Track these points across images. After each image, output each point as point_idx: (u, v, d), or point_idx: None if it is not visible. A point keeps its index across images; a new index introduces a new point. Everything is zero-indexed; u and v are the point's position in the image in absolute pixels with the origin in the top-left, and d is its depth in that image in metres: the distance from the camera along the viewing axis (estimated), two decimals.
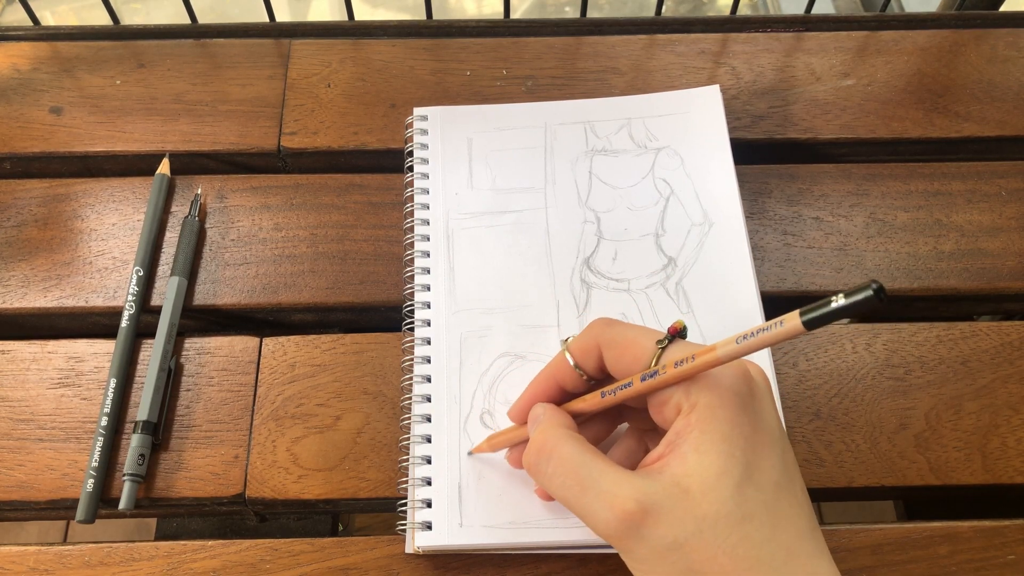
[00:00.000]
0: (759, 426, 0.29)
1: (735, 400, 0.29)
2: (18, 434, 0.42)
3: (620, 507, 0.29)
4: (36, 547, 0.39)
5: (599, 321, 0.33)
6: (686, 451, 0.29)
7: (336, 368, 0.43)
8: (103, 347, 0.44)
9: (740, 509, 0.28)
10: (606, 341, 0.32)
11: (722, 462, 0.28)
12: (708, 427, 0.29)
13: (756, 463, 0.29)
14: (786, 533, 0.28)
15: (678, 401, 0.30)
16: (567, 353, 0.33)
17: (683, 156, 0.48)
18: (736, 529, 0.28)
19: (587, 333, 0.33)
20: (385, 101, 0.51)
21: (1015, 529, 0.39)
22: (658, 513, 0.28)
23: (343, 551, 0.39)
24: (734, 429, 0.29)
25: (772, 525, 0.28)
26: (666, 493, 0.28)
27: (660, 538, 0.28)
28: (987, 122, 0.51)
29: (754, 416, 0.29)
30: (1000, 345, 0.44)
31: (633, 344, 0.31)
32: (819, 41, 0.54)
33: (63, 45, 0.54)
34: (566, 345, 0.34)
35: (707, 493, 0.28)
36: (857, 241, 0.47)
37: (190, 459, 0.41)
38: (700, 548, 0.28)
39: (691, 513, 0.28)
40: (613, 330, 0.32)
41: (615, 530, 0.29)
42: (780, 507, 0.29)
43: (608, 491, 0.29)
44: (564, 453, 0.31)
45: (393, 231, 0.47)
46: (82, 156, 0.50)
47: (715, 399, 0.29)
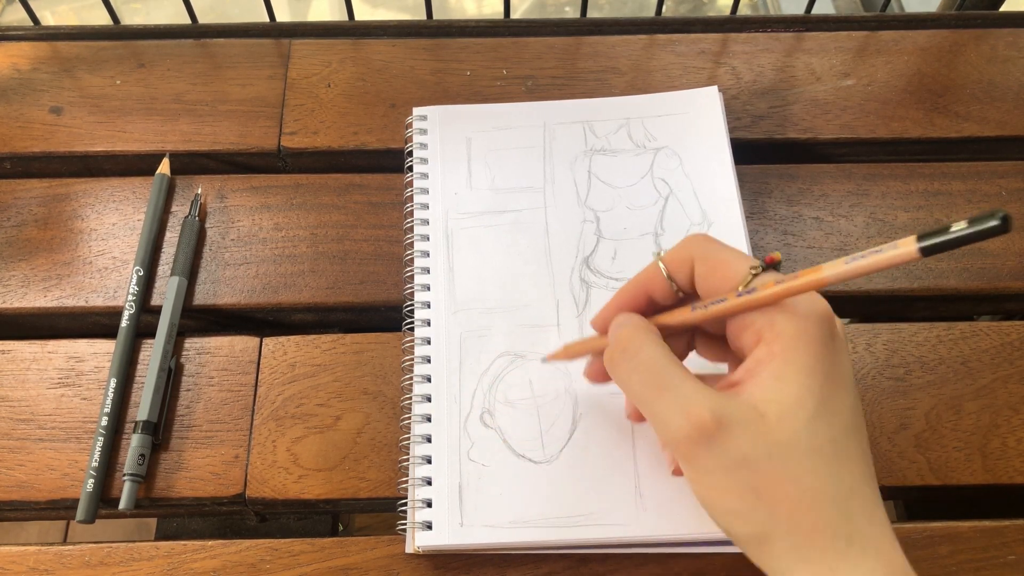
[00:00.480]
0: (837, 367, 0.29)
1: (819, 336, 0.29)
2: (18, 434, 0.42)
3: (697, 414, 0.29)
4: (36, 547, 0.39)
5: (696, 236, 0.33)
6: (766, 377, 0.29)
7: (336, 368, 0.43)
8: (103, 347, 0.44)
9: (810, 441, 0.28)
10: (701, 255, 0.32)
11: (800, 393, 0.28)
12: (791, 357, 0.29)
13: (831, 401, 0.29)
14: (850, 474, 0.29)
15: (760, 328, 0.30)
16: (660, 263, 0.33)
17: (682, 156, 0.48)
18: (804, 459, 0.28)
19: (683, 245, 0.33)
20: (385, 101, 0.51)
21: (1015, 529, 0.39)
22: (732, 428, 0.28)
23: (343, 551, 0.39)
24: (816, 364, 0.29)
25: (838, 462, 0.29)
26: (743, 412, 0.29)
27: (730, 452, 0.29)
28: (987, 122, 0.51)
29: (834, 357, 0.29)
30: (1000, 345, 0.44)
31: (726, 264, 0.31)
32: (819, 41, 0.54)
33: (63, 45, 0.54)
34: (660, 255, 0.33)
35: (782, 420, 0.28)
36: (857, 241, 0.47)
37: (190, 459, 0.41)
38: (767, 470, 0.28)
39: (764, 436, 0.28)
40: (709, 245, 0.32)
41: (686, 435, 0.29)
42: (848, 448, 0.29)
43: (686, 397, 0.29)
44: (649, 353, 0.31)
45: (393, 231, 0.47)
46: (82, 156, 0.50)
47: (800, 331, 0.29)
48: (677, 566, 0.38)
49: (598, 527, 0.37)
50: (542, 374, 0.41)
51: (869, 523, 0.29)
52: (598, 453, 0.39)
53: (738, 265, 0.31)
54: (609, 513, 0.38)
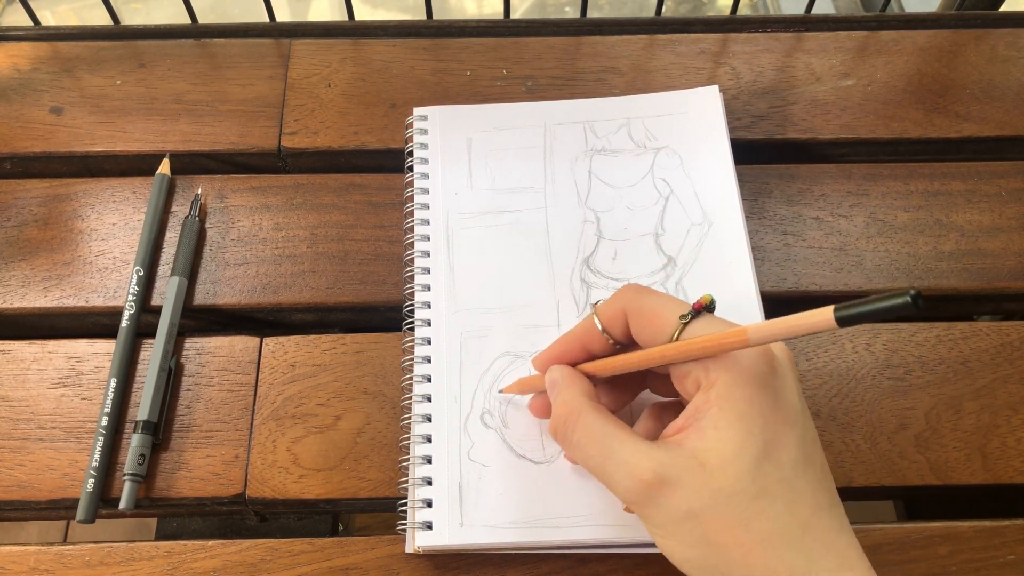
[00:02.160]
0: (779, 404, 0.30)
1: (754, 379, 0.29)
2: (18, 434, 0.42)
3: (639, 476, 0.30)
4: (36, 547, 0.39)
5: (629, 287, 0.33)
6: (705, 426, 0.29)
7: (336, 368, 0.43)
8: (103, 347, 0.44)
9: (756, 485, 0.28)
10: (633, 309, 0.32)
11: (740, 439, 0.29)
12: (726, 405, 0.29)
13: (775, 441, 0.29)
14: (804, 508, 0.29)
15: (697, 376, 0.30)
16: (595, 317, 0.34)
17: (682, 156, 0.48)
18: (752, 504, 0.28)
19: (616, 299, 0.33)
20: (385, 101, 0.51)
21: (1015, 529, 0.39)
22: (674, 483, 0.29)
23: (343, 551, 0.39)
24: (752, 408, 0.29)
25: (789, 501, 0.29)
26: (683, 465, 0.29)
27: (676, 507, 0.29)
28: (987, 122, 0.51)
29: (773, 395, 0.30)
30: (1000, 345, 0.44)
31: (658, 315, 0.32)
32: (819, 41, 0.54)
33: (63, 45, 0.54)
34: (595, 309, 0.34)
35: (724, 468, 0.29)
36: (857, 241, 0.47)
37: (190, 459, 0.41)
38: (715, 519, 0.29)
39: (707, 486, 0.29)
40: (641, 299, 0.33)
41: (635, 497, 0.30)
42: (798, 484, 0.29)
43: (628, 461, 0.30)
44: (586, 423, 0.32)
45: (393, 231, 0.47)
46: (82, 156, 0.50)
47: (734, 377, 0.29)
48: None
49: (598, 527, 0.37)
50: None
51: (827, 555, 0.29)
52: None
53: (669, 314, 0.31)
54: (608, 513, 0.38)
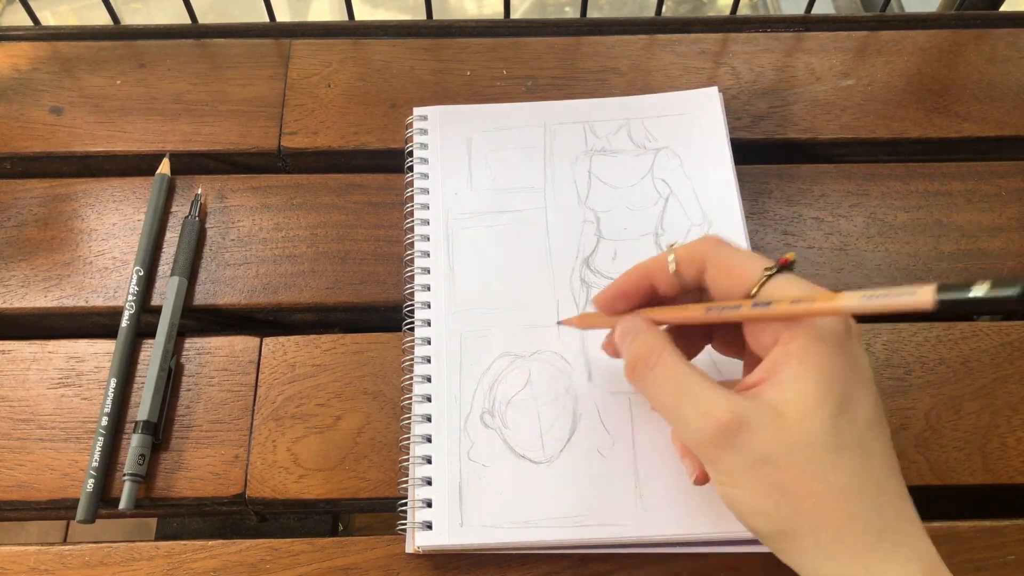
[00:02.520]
0: (855, 365, 0.30)
1: (835, 337, 0.29)
2: (18, 434, 0.42)
3: (716, 416, 0.29)
4: (36, 547, 0.39)
5: (710, 238, 0.33)
6: (784, 379, 0.29)
7: (336, 368, 0.43)
8: (103, 347, 0.44)
9: (834, 439, 0.28)
10: (714, 258, 0.32)
11: (820, 393, 0.29)
12: (808, 359, 0.29)
13: (852, 398, 0.29)
14: (876, 468, 0.29)
15: (776, 330, 0.30)
16: (671, 257, 0.34)
17: (682, 157, 0.48)
18: (828, 457, 0.28)
19: (696, 245, 0.33)
20: (385, 101, 0.51)
21: (1015, 529, 0.39)
22: (752, 427, 0.29)
23: (343, 551, 0.39)
24: (834, 364, 0.29)
25: (863, 458, 0.29)
26: (762, 413, 0.29)
27: (752, 451, 0.29)
28: (987, 122, 0.51)
29: (851, 355, 0.30)
30: (1000, 345, 0.44)
31: (739, 267, 0.31)
32: (819, 41, 0.54)
33: (63, 45, 0.54)
34: (672, 249, 0.34)
35: (803, 419, 0.29)
36: (857, 241, 0.47)
37: (190, 459, 0.41)
38: (790, 467, 0.28)
39: (785, 435, 0.29)
40: (722, 249, 0.33)
41: (708, 437, 0.30)
42: (872, 443, 0.29)
43: (706, 400, 0.30)
44: (667, 362, 0.32)
45: (393, 231, 0.47)
46: (82, 156, 0.50)
47: (816, 332, 0.29)
48: (677, 566, 0.38)
49: (598, 527, 0.37)
50: (542, 374, 0.41)
51: (898, 517, 0.29)
52: (598, 453, 0.39)
53: (751, 267, 0.31)
54: (609, 513, 0.38)
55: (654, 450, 0.39)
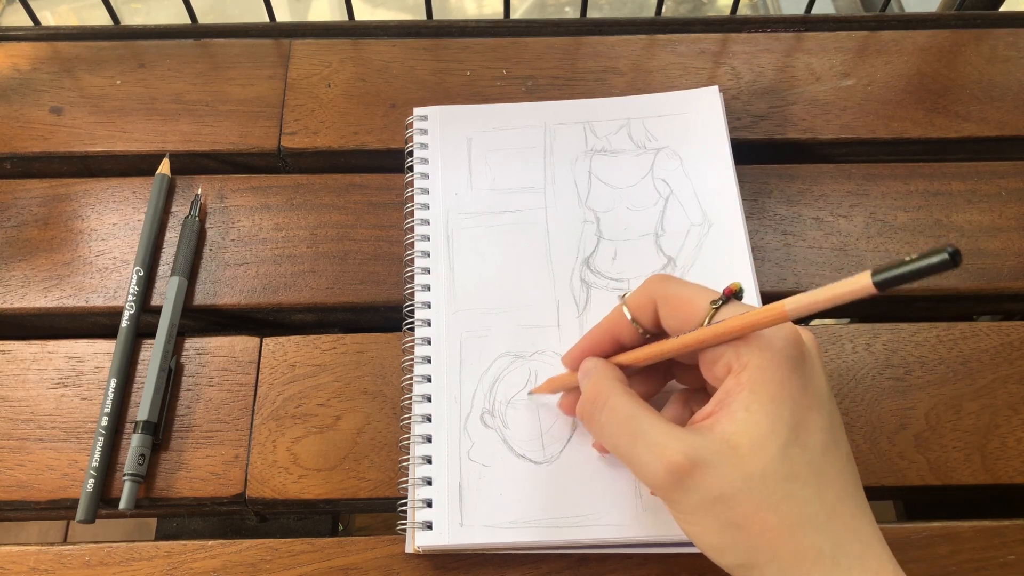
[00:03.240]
0: (808, 389, 0.30)
1: (785, 362, 0.29)
2: (18, 434, 0.42)
3: (669, 459, 0.29)
4: (36, 547, 0.39)
5: (656, 277, 0.34)
6: (735, 409, 0.29)
7: (336, 368, 0.43)
8: (103, 347, 0.44)
9: (785, 468, 0.29)
10: (662, 297, 0.33)
11: (770, 422, 0.29)
12: (758, 387, 0.29)
13: (804, 424, 0.29)
14: (830, 492, 0.29)
15: (728, 360, 0.30)
16: (624, 307, 0.34)
17: (682, 157, 0.48)
18: (781, 487, 0.28)
19: (644, 288, 0.33)
20: (385, 101, 0.51)
21: (1015, 529, 0.39)
22: (705, 467, 0.29)
23: (343, 551, 0.39)
24: (783, 391, 0.29)
25: (817, 485, 0.29)
26: (714, 449, 0.29)
27: (706, 490, 0.29)
28: (987, 122, 0.51)
29: (803, 378, 0.30)
30: (1000, 345, 0.44)
31: (688, 302, 0.32)
32: (819, 41, 0.54)
33: (63, 45, 0.54)
34: (623, 300, 0.34)
35: (755, 451, 0.29)
36: (857, 241, 0.47)
37: (190, 459, 0.41)
38: (745, 503, 0.29)
39: (738, 469, 0.29)
40: (669, 287, 0.33)
41: (663, 481, 0.30)
42: (825, 468, 0.29)
43: (658, 443, 0.30)
44: (616, 405, 0.32)
45: (393, 231, 0.47)
46: (82, 156, 0.50)
47: (766, 360, 0.29)
48: (677, 566, 0.38)
49: (598, 527, 0.37)
50: (542, 374, 0.41)
51: (855, 539, 0.29)
52: (598, 453, 0.39)
53: (700, 300, 0.31)
54: (609, 513, 0.38)
55: None
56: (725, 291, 0.31)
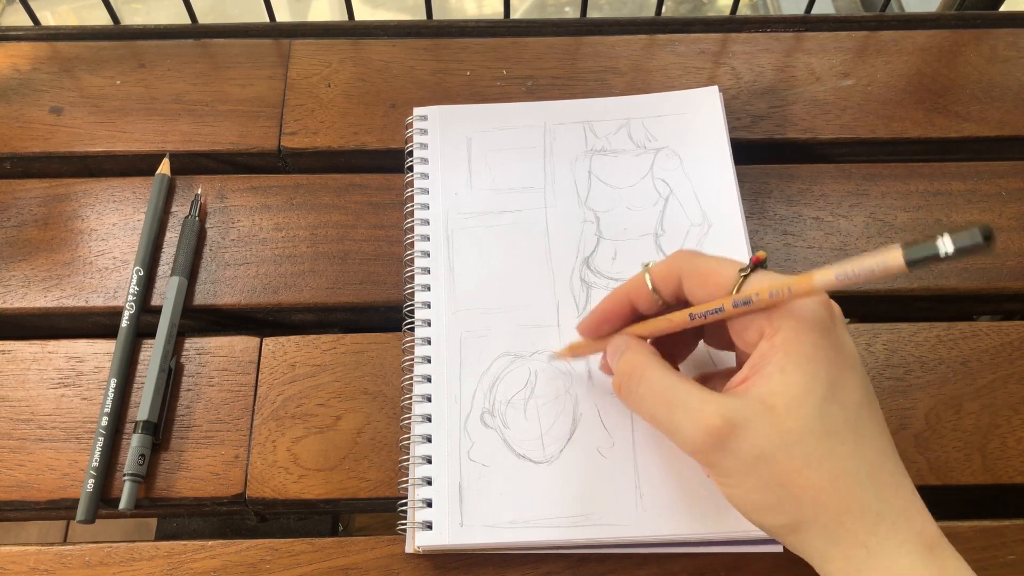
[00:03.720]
0: (841, 350, 0.30)
1: (818, 324, 0.30)
2: (18, 434, 0.42)
3: (706, 422, 0.30)
4: (36, 547, 0.39)
5: (683, 252, 0.34)
6: (771, 371, 0.30)
7: (336, 368, 0.43)
8: (103, 347, 0.44)
9: (824, 425, 0.29)
10: (688, 270, 0.33)
11: (807, 381, 0.29)
12: (792, 349, 0.29)
13: (839, 383, 0.29)
14: (870, 449, 0.29)
15: (760, 325, 0.30)
16: (647, 276, 0.34)
17: (682, 157, 0.48)
18: (821, 444, 0.29)
19: (669, 261, 0.34)
20: (385, 101, 0.51)
21: (1015, 529, 0.39)
22: (744, 427, 0.29)
23: (343, 551, 0.39)
24: (818, 351, 0.29)
25: (856, 441, 0.29)
26: (752, 410, 0.29)
27: (746, 451, 0.29)
28: (987, 122, 0.51)
29: (836, 340, 0.30)
30: (1000, 345, 0.44)
31: (715, 273, 0.32)
32: (819, 41, 0.54)
33: (63, 45, 0.54)
34: (647, 268, 0.34)
35: (792, 410, 0.29)
36: (857, 241, 0.47)
37: (190, 459, 0.41)
38: (786, 460, 0.29)
39: (776, 428, 0.29)
40: (696, 260, 0.33)
41: (702, 444, 0.30)
42: (863, 425, 0.30)
43: (695, 408, 0.30)
44: (652, 376, 0.32)
45: (393, 231, 0.47)
46: (82, 156, 0.50)
47: (798, 323, 0.30)
48: (677, 566, 0.38)
49: (598, 527, 0.37)
50: (542, 374, 0.41)
51: (896, 496, 0.29)
52: (598, 453, 0.39)
53: (726, 270, 0.32)
54: (609, 513, 0.38)
55: (654, 450, 0.39)
56: (752, 259, 0.31)
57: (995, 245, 0.23)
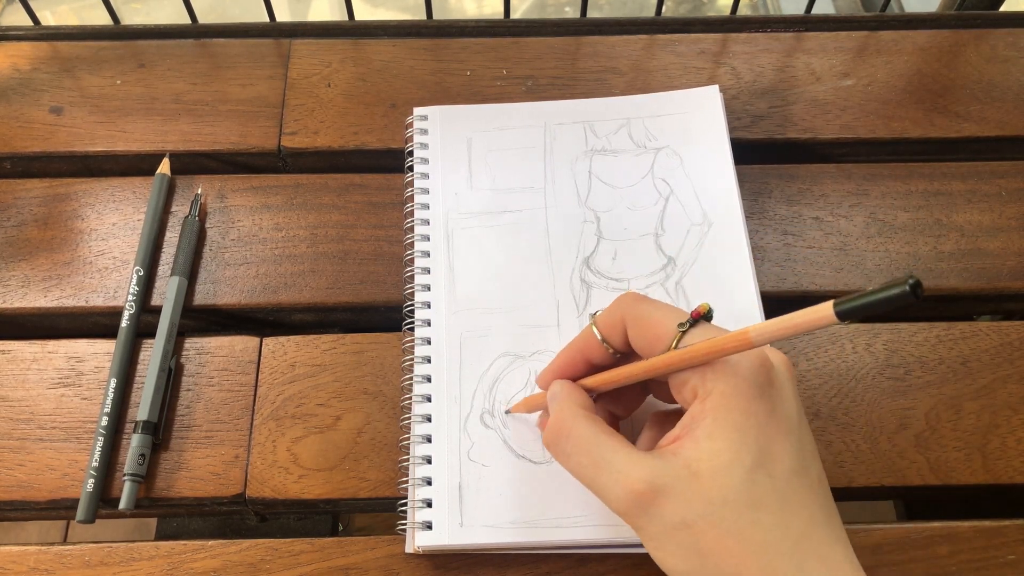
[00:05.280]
0: (775, 414, 0.29)
1: (751, 389, 0.29)
2: (18, 434, 0.42)
3: (631, 486, 0.29)
4: (36, 547, 0.39)
5: (627, 296, 0.33)
6: (699, 436, 0.29)
7: (336, 368, 0.43)
8: (103, 347, 0.44)
9: (749, 495, 0.28)
10: (631, 318, 0.32)
11: (734, 449, 0.29)
12: (721, 415, 0.29)
13: (769, 451, 0.29)
14: (798, 519, 0.29)
15: (694, 385, 0.30)
16: (594, 327, 0.34)
17: (682, 156, 0.48)
18: (745, 514, 0.28)
19: (614, 307, 0.33)
20: (385, 101, 0.51)
21: (1015, 529, 0.39)
22: (667, 493, 0.29)
23: (343, 551, 0.39)
24: (748, 418, 0.29)
25: (782, 511, 0.29)
26: (676, 475, 0.29)
27: (669, 517, 0.29)
28: (987, 122, 0.51)
29: (770, 404, 0.29)
30: (1000, 345, 0.44)
31: (657, 324, 0.31)
32: (819, 41, 0.54)
33: (63, 45, 0.54)
34: (594, 319, 0.34)
35: (716, 478, 0.28)
36: (857, 241, 0.47)
37: (190, 459, 0.41)
38: (708, 529, 0.28)
39: (700, 496, 0.29)
40: (639, 307, 0.32)
41: (626, 507, 0.30)
42: (792, 494, 0.29)
43: (620, 470, 0.30)
44: (579, 433, 0.32)
45: (393, 231, 0.47)
46: (82, 156, 0.50)
47: (730, 387, 0.29)
48: None
49: (598, 527, 0.37)
50: None
51: (822, 565, 0.28)
52: None
53: (668, 322, 0.31)
54: (609, 513, 0.37)
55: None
56: (693, 313, 0.31)
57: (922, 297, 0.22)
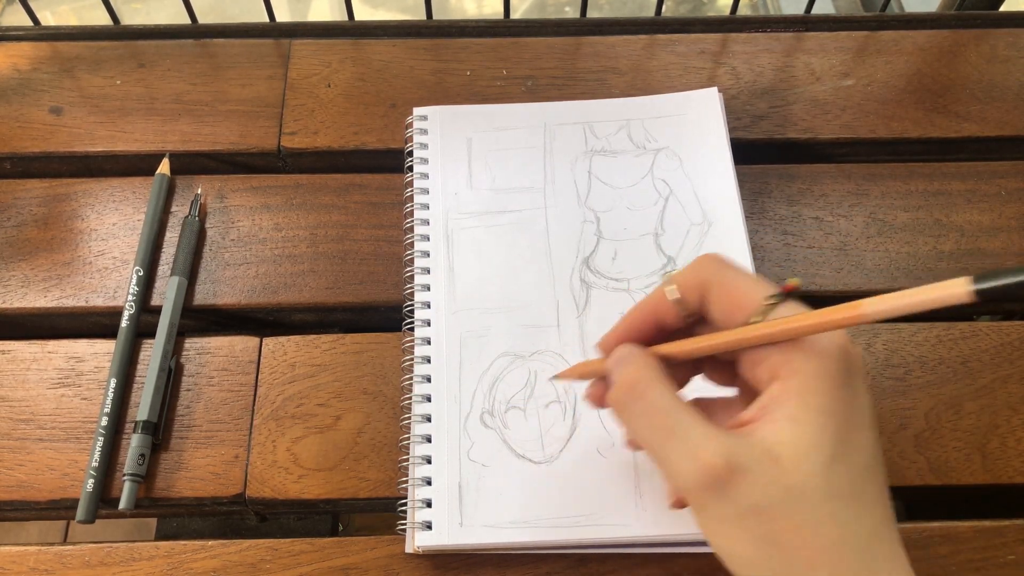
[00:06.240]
0: (856, 404, 0.28)
1: (838, 374, 0.27)
2: (18, 434, 0.42)
3: (706, 460, 0.27)
4: (36, 547, 0.39)
5: (710, 258, 0.30)
6: (780, 418, 0.27)
7: (336, 368, 0.43)
8: (103, 347, 0.44)
9: (829, 485, 0.27)
10: (716, 282, 0.30)
11: (817, 436, 0.27)
12: (807, 397, 0.27)
13: (849, 442, 0.27)
14: (870, 516, 0.28)
15: (775, 365, 0.28)
16: (671, 286, 0.31)
17: (682, 157, 0.48)
18: (823, 505, 0.27)
19: (694, 269, 0.30)
20: (385, 101, 0.51)
21: (1015, 529, 0.39)
22: (745, 474, 0.27)
23: (343, 551, 0.39)
24: (834, 405, 0.27)
25: (858, 506, 0.27)
26: (755, 456, 0.27)
27: (743, 499, 0.27)
28: (987, 122, 0.51)
29: (852, 394, 0.28)
30: (1000, 345, 0.44)
31: (741, 293, 0.29)
32: (819, 41, 0.54)
33: (63, 45, 0.54)
34: (668, 278, 0.31)
35: (799, 464, 0.27)
36: (857, 241, 0.47)
37: (190, 459, 0.41)
38: (783, 517, 0.27)
39: (780, 481, 0.27)
40: (725, 272, 0.30)
41: (696, 483, 0.28)
42: (867, 489, 0.28)
43: (695, 442, 0.28)
44: (655, 396, 0.29)
45: (393, 231, 0.47)
46: (82, 156, 0.50)
47: (818, 369, 0.27)
48: (677, 566, 0.38)
49: (598, 527, 0.37)
50: (542, 375, 0.41)
51: (891, 567, 0.27)
52: (598, 453, 0.39)
53: (753, 293, 0.29)
54: (609, 513, 0.38)
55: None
56: (784, 287, 0.28)
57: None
